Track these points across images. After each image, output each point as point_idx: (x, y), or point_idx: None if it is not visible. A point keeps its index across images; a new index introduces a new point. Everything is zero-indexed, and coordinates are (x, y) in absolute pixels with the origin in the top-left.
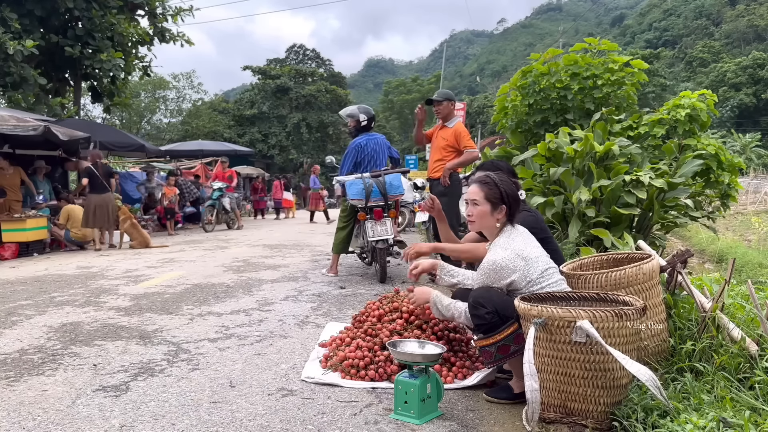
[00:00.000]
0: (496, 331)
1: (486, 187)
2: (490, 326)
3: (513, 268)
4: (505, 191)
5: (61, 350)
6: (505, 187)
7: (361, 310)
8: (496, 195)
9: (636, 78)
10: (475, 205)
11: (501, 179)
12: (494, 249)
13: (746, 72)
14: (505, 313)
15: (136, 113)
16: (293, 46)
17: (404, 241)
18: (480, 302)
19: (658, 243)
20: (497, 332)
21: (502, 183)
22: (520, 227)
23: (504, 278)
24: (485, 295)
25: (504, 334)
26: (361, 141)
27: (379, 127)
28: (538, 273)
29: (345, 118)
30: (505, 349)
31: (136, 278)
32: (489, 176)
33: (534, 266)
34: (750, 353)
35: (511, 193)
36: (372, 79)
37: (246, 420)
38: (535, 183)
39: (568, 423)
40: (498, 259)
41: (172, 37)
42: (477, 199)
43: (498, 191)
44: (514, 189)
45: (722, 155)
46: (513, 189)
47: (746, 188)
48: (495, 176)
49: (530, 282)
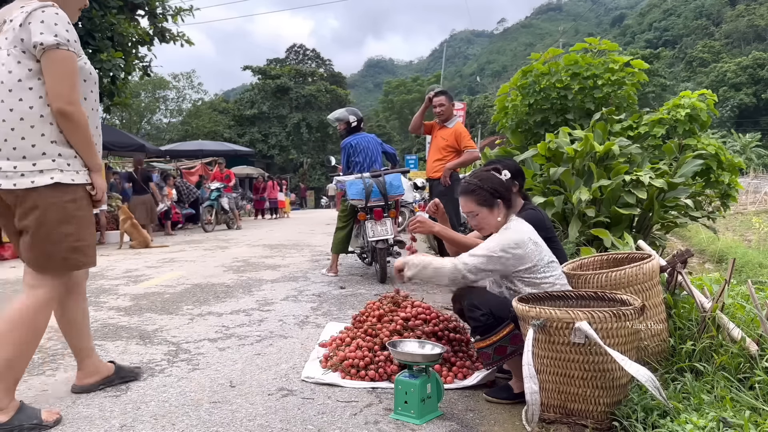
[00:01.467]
0: (492, 332)
1: (473, 195)
2: (486, 328)
3: (525, 248)
4: (490, 188)
5: (61, 350)
6: (489, 184)
7: (361, 310)
8: (485, 196)
9: (636, 78)
10: (474, 216)
11: (481, 177)
12: (504, 232)
13: (746, 72)
14: (500, 314)
15: (136, 113)
16: (293, 46)
17: (404, 241)
18: (475, 304)
19: (658, 243)
20: (493, 333)
21: (483, 181)
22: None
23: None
24: (480, 296)
25: (500, 335)
26: (351, 140)
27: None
28: (546, 261)
29: (334, 122)
30: (501, 350)
31: (136, 278)
32: (469, 182)
33: (543, 252)
34: (750, 353)
35: (497, 185)
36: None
37: (246, 420)
38: (535, 183)
39: (568, 423)
40: (513, 237)
41: (172, 37)
42: (472, 209)
43: (485, 192)
44: (495, 179)
45: (722, 155)
46: (495, 179)
47: (746, 188)
48: (473, 179)
49: (538, 267)
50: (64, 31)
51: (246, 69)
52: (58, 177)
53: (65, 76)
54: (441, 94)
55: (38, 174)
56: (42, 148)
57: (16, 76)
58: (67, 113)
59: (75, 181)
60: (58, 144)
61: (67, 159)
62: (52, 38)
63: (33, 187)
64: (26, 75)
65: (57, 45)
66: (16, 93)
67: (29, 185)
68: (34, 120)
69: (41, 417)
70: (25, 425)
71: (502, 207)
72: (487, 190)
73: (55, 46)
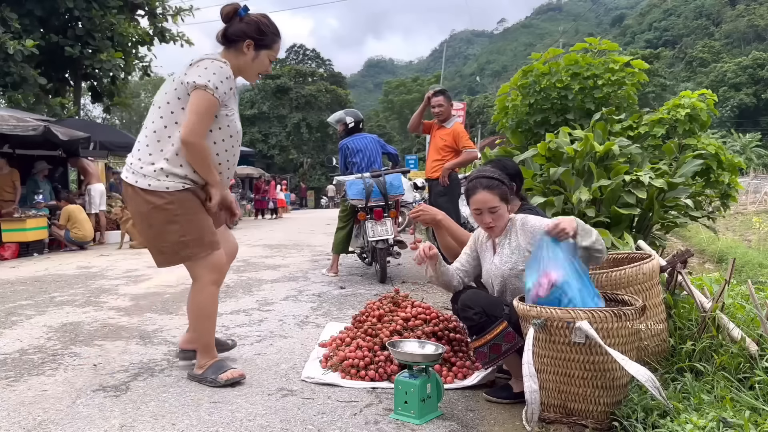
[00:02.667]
0: (486, 330)
1: (497, 189)
2: (480, 326)
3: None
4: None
5: (61, 350)
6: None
7: (361, 310)
8: (506, 192)
9: (636, 78)
10: (493, 211)
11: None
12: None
13: (746, 72)
14: (493, 312)
15: (136, 113)
16: (293, 46)
17: (404, 241)
18: (467, 304)
19: (658, 243)
20: (487, 332)
21: (500, 175)
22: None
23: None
24: (472, 296)
25: (494, 333)
26: (348, 142)
27: (379, 127)
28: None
29: (334, 124)
30: (497, 348)
31: (136, 278)
32: (488, 176)
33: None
34: (750, 353)
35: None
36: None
37: (246, 420)
38: (535, 183)
39: (568, 423)
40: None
41: (172, 37)
42: (496, 205)
43: (506, 187)
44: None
45: (722, 155)
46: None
47: (746, 188)
48: (491, 172)
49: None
50: (218, 81)
51: None
52: (154, 185)
53: (198, 112)
54: (439, 93)
55: (141, 177)
56: (154, 159)
57: (170, 104)
58: (187, 143)
59: (169, 189)
60: (168, 161)
61: (167, 171)
62: (203, 81)
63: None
64: (175, 104)
65: (204, 87)
66: (164, 115)
67: (133, 182)
68: (161, 137)
69: (218, 376)
70: (207, 379)
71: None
72: (509, 186)
73: (202, 87)
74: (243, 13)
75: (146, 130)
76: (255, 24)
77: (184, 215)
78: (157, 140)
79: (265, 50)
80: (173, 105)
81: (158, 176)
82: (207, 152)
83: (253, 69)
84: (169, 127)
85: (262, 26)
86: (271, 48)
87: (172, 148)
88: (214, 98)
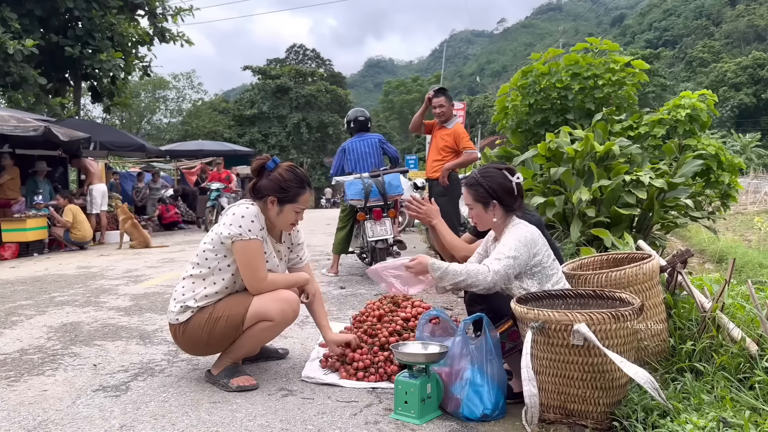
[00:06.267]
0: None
1: (472, 189)
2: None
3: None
4: (489, 187)
5: (61, 350)
6: (490, 183)
7: (361, 310)
8: (482, 194)
9: (637, 78)
10: (471, 208)
11: (485, 175)
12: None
13: (746, 72)
14: (500, 309)
15: (136, 113)
16: (293, 46)
17: (404, 242)
18: (475, 300)
19: (658, 243)
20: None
21: (486, 180)
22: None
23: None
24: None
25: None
26: (346, 145)
27: (379, 127)
28: (553, 257)
29: (345, 125)
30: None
31: (136, 278)
32: (474, 177)
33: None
34: (750, 353)
35: (497, 186)
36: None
37: (246, 420)
38: (535, 183)
39: (568, 424)
40: (526, 233)
41: (172, 37)
42: (469, 203)
43: (482, 189)
44: (501, 181)
45: (722, 155)
46: (500, 181)
47: (746, 188)
48: (479, 175)
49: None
50: (248, 222)
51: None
52: (185, 316)
53: (246, 263)
54: (440, 93)
55: (180, 313)
56: (184, 300)
57: (204, 252)
58: (257, 290)
59: (194, 312)
60: (194, 297)
61: (198, 302)
62: (233, 231)
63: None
64: (210, 250)
65: (240, 236)
66: (199, 262)
67: (174, 321)
68: (195, 279)
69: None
70: (220, 382)
71: (498, 208)
72: (486, 189)
73: (237, 237)
74: (271, 166)
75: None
76: (276, 182)
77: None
78: (192, 282)
79: (289, 204)
80: (210, 252)
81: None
82: (278, 284)
83: (279, 223)
84: (226, 279)
85: (283, 184)
86: (296, 201)
87: (194, 286)
88: (246, 241)
